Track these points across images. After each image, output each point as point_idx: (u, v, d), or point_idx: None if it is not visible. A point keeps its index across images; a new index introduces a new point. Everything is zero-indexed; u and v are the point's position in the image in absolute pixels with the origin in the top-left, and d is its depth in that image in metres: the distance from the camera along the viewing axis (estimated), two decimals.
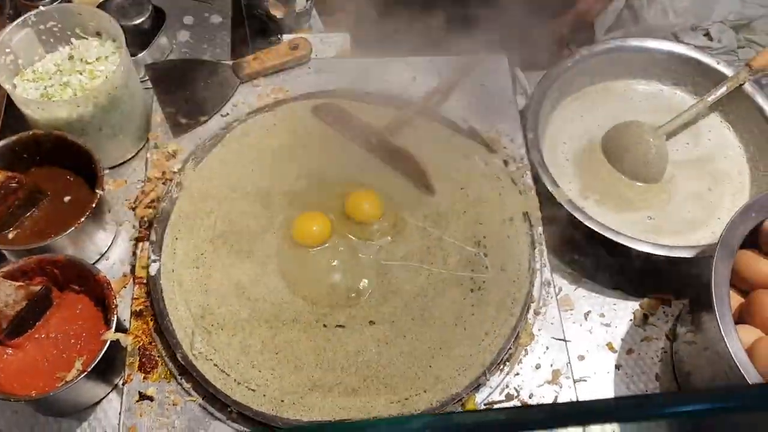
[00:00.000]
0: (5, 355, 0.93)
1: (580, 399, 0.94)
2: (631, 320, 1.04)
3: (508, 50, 1.22)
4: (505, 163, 1.08)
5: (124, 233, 1.08)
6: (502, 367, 0.91)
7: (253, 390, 0.87)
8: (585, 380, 0.98)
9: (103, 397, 0.96)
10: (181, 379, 0.89)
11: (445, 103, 1.14)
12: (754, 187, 1.13)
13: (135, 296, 0.95)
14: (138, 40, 1.21)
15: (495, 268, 0.97)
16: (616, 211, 1.10)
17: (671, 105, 1.22)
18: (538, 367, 0.92)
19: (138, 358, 0.91)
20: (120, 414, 0.88)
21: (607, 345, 1.02)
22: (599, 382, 0.98)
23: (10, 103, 1.12)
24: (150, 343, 0.92)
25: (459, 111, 1.13)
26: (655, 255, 0.99)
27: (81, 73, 1.09)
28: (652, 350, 1.02)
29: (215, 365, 0.89)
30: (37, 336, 0.95)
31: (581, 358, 1.00)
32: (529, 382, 0.91)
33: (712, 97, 1.16)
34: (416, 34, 1.23)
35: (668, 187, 1.13)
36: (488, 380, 0.90)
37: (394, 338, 0.92)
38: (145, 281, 0.96)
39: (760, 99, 1.15)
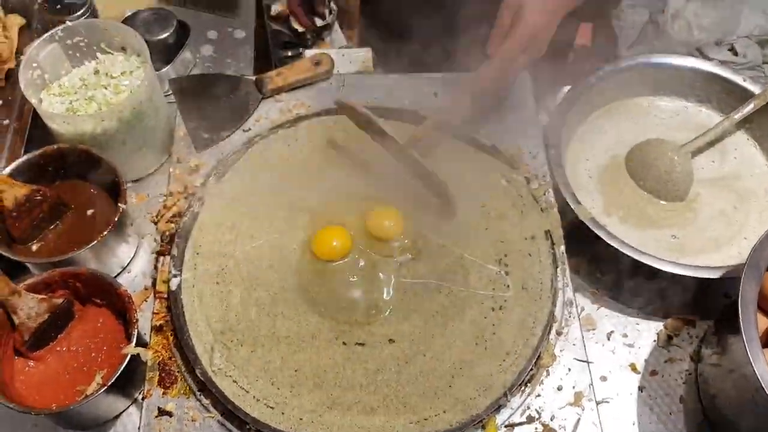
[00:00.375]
0: (27, 368, 0.93)
1: (603, 421, 0.93)
2: (654, 341, 1.03)
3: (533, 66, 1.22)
4: (527, 180, 1.07)
5: (146, 246, 1.09)
6: (523, 388, 0.90)
7: (272, 407, 0.87)
8: (607, 401, 0.97)
9: (123, 411, 0.96)
10: (200, 395, 0.89)
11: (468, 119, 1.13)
12: None
13: (155, 311, 0.95)
14: (162, 54, 1.23)
15: (516, 287, 0.96)
16: (640, 229, 1.09)
17: (696, 122, 1.20)
18: (560, 388, 0.91)
19: (158, 373, 0.91)
20: (139, 429, 0.88)
21: (630, 366, 1.00)
22: (622, 404, 0.97)
23: (36, 116, 1.13)
24: (170, 358, 0.92)
25: (481, 127, 1.12)
26: (679, 275, 0.98)
27: (106, 88, 1.10)
28: (676, 372, 1.00)
29: (234, 381, 0.88)
30: (58, 349, 0.95)
31: (603, 378, 0.98)
32: (550, 403, 0.90)
33: (738, 115, 1.15)
34: (438, 50, 1.23)
35: (693, 206, 1.11)
36: (509, 401, 0.88)
37: (413, 357, 0.91)
38: (165, 296, 0.96)
39: None
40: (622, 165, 1.16)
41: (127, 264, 1.07)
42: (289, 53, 1.43)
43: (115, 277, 1.06)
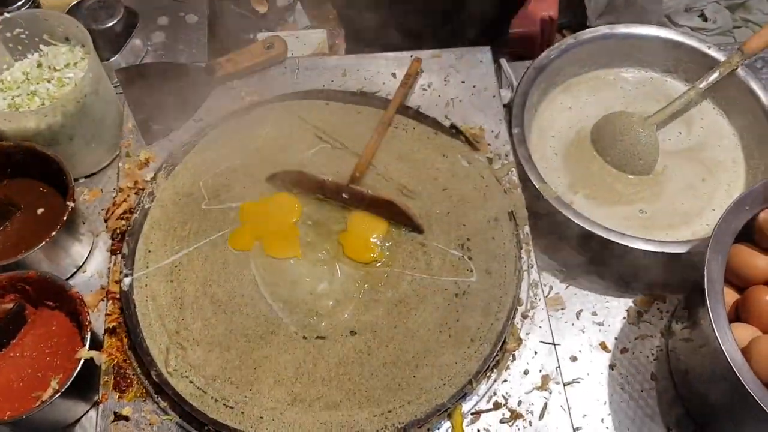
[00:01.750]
0: None
1: (574, 402, 0.91)
2: (624, 318, 1.01)
3: (493, 40, 1.19)
4: (489, 160, 1.04)
5: (101, 244, 1.06)
6: (489, 374, 0.88)
7: (231, 407, 0.84)
8: (578, 381, 0.95)
9: (83, 415, 0.93)
10: (157, 397, 0.86)
11: (426, 99, 1.10)
12: (749, 176, 1.09)
13: (108, 312, 0.92)
14: (111, 44, 1.19)
15: (480, 272, 0.94)
16: (607, 205, 1.06)
17: (662, 93, 1.18)
18: (526, 372, 0.89)
19: (113, 377, 0.88)
20: None
21: (600, 344, 0.99)
22: (593, 383, 0.95)
23: None
24: (124, 360, 0.89)
25: (440, 107, 1.09)
26: (648, 251, 0.96)
27: (49, 81, 1.06)
28: (647, 348, 0.99)
29: (191, 382, 0.86)
30: (12, 355, 0.92)
31: (574, 359, 0.97)
32: (517, 388, 0.88)
33: (704, 84, 1.12)
34: (398, 29, 1.20)
35: (660, 179, 1.09)
36: (474, 389, 0.86)
37: (376, 348, 0.89)
38: (118, 296, 0.93)
39: (753, 84, 1.11)
40: (588, 140, 1.13)
41: (82, 264, 1.04)
42: (251, 36, 1.39)
43: (70, 277, 1.03)
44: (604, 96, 1.18)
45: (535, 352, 0.90)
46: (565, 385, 0.89)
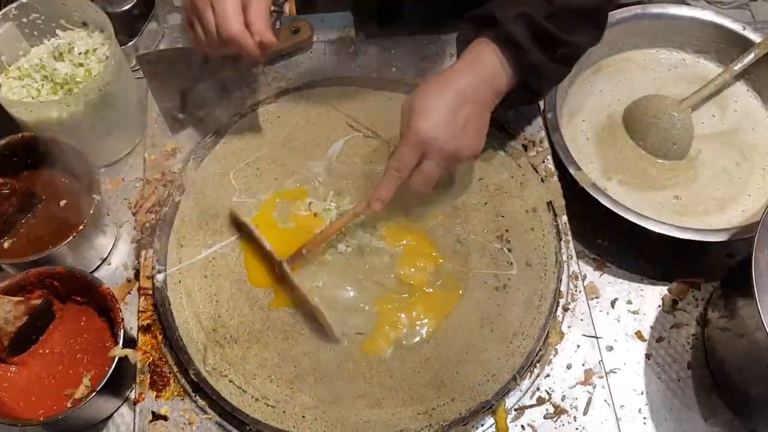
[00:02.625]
0: (9, 374, 0.89)
1: (613, 394, 0.90)
2: (659, 306, 1.00)
3: None
4: (525, 148, 1.01)
5: (125, 235, 1.03)
6: (532, 369, 0.87)
7: (273, 406, 0.83)
8: (615, 372, 0.94)
9: (114, 412, 0.92)
10: (195, 396, 0.85)
11: None
12: None
13: (142, 308, 0.90)
14: (126, 27, 1.14)
15: (520, 264, 0.92)
16: (641, 191, 1.05)
17: (694, 74, 1.16)
18: (569, 367, 0.88)
19: (149, 375, 0.86)
20: None
21: (636, 333, 0.98)
22: (630, 374, 0.95)
23: None
24: (160, 358, 0.87)
25: None
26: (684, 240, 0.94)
27: (70, 68, 1.02)
28: (683, 337, 0.98)
29: (231, 381, 0.84)
30: (41, 352, 0.91)
31: (610, 348, 0.96)
32: (560, 383, 0.87)
33: (738, 66, 1.10)
34: (423, 10, 1.16)
35: (694, 164, 1.07)
36: (518, 385, 0.85)
37: (417, 345, 0.87)
38: (150, 292, 0.91)
39: None
40: (620, 124, 1.11)
41: (107, 255, 1.02)
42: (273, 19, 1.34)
43: (95, 269, 1.02)
44: (636, 78, 1.15)
45: (578, 346, 0.89)
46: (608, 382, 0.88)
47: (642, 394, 0.94)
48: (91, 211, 0.93)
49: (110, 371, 0.84)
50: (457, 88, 0.85)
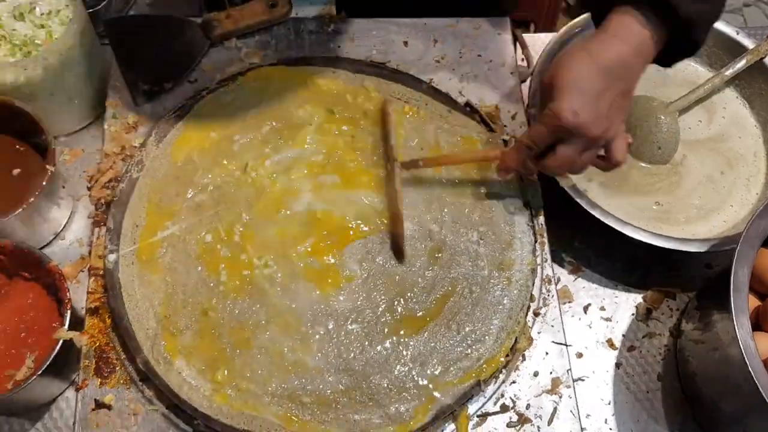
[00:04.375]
0: None
1: (580, 403, 0.87)
2: (633, 314, 0.97)
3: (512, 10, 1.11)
4: (505, 143, 0.97)
5: (81, 209, 0.98)
6: (497, 374, 0.83)
7: (225, 400, 0.79)
8: (583, 380, 0.92)
9: (59, 395, 0.87)
10: (142, 385, 0.80)
11: (439, 73, 1.03)
12: None
13: (90, 290, 0.85)
14: None
15: (492, 266, 0.88)
16: (622, 195, 1.01)
17: (683, 78, 1.12)
18: (536, 374, 0.85)
19: (94, 361, 0.81)
20: (74, 424, 0.79)
21: (607, 341, 0.95)
22: (598, 382, 0.92)
23: None
24: (107, 344, 0.82)
25: (454, 82, 1.02)
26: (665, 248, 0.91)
27: (30, 29, 0.96)
28: (655, 347, 0.95)
29: (179, 372, 0.79)
30: None
31: (579, 355, 0.93)
32: (526, 391, 0.83)
33: (729, 71, 1.07)
34: None
35: (679, 170, 1.04)
36: (483, 390, 0.82)
37: (380, 344, 0.83)
38: (101, 273, 0.85)
39: None
40: None
41: (61, 230, 0.97)
42: None
43: (48, 244, 0.96)
44: None
45: (546, 353, 0.86)
46: (575, 392, 0.85)
47: (609, 404, 0.91)
48: (44, 183, 0.88)
49: (54, 354, 0.79)
50: (605, 65, 0.77)
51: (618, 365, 0.93)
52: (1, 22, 0.96)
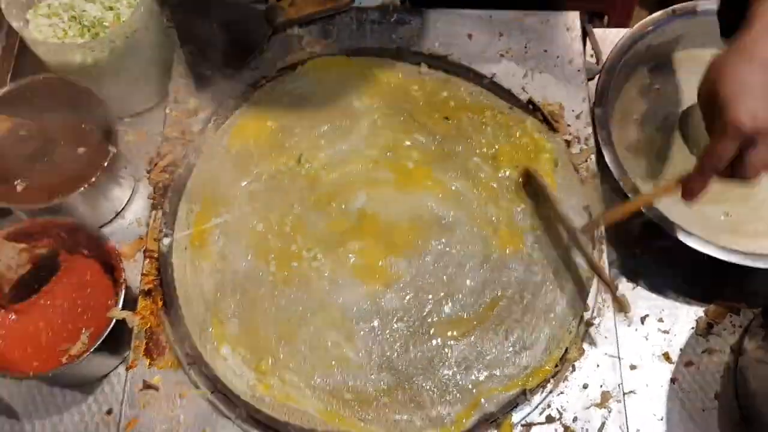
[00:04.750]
0: (7, 321, 0.87)
1: (630, 417, 0.84)
2: (692, 328, 0.94)
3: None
4: (567, 143, 0.94)
5: (143, 190, 1.01)
6: (545, 384, 0.81)
7: (270, 391, 0.79)
8: (635, 393, 0.89)
9: (111, 371, 0.90)
10: (189, 369, 0.81)
11: (502, 67, 1.00)
12: None
13: (145, 272, 0.87)
14: None
15: (545, 272, 0.86)
16: (688, 203, 0.96)
17: None
18: (585, 386, 0.82)
19: (144, 342, 0.83)
20: (122, 403, 0.80)
21: (663, 354, 0.91)
22: (651, 397, 0.89)
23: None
24: (158, 325, 0.84)
25: (518, 78, 0.99)
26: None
27: (99, 10, 0.98)
28: (714, 364, 0.91)
29: (225, 359, 0.80)
30: (42, 302, 0.89)
31: (633, 367, 0.90)
32: (574, 403, 0.81)
33: None
34: None
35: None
36: (528, 399, 0.80)
37: (426, 343, 0.82)
38: (156, 256, 0.87)
39: None
40: (675, 127, 1.02)
41: (121, 209, 0.99)
42: None
43: (108, 223, 0.99)
44: (699, 79, 1.06)
45: (598, 365, 0.83)
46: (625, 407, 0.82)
47: (662, 420, 0.88)
48: (106, 163, 0.90)
49: (107, 332, 0.81)
50: (765, 59, 0.74)
51: (673, 380, 0.90)
52: (72, 3, 0.98)
